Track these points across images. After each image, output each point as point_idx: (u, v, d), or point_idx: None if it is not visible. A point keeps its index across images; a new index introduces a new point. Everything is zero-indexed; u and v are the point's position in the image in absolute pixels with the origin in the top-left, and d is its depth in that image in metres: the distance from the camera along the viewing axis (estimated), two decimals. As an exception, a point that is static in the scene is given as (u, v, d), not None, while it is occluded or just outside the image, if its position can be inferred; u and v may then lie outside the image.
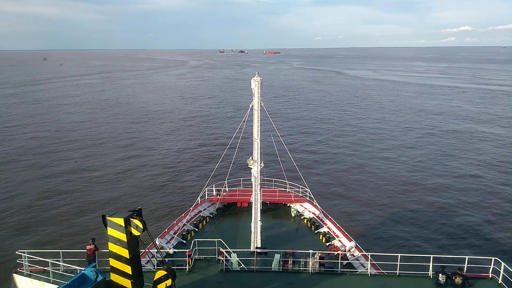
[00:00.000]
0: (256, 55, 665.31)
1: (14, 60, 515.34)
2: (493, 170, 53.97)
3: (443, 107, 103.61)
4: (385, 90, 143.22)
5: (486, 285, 19.18)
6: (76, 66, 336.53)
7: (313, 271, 20.78)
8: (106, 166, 56.61)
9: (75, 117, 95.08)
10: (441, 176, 51.84)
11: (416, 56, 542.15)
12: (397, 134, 74.94)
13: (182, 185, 49.20)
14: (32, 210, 41.88)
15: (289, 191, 34.07)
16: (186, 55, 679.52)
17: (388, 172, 53.54)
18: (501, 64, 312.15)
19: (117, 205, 42.53)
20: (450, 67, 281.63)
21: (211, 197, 33.30)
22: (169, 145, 69.17)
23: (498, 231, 37.12)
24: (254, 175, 25.17)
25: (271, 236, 27.29)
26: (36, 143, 69.85)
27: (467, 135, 73.25)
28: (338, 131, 78.84)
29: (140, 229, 15.86)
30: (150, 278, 16.87)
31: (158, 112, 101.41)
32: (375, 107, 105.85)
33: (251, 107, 24.11)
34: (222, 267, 20.73)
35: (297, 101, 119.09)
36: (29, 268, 20.29)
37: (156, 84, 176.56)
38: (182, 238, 27.04)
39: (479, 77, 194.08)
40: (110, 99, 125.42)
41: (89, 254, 21.41)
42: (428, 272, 19.90)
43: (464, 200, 44.27)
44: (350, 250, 25.47)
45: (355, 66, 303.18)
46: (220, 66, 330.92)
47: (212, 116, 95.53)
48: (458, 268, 19.15)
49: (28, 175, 52.99)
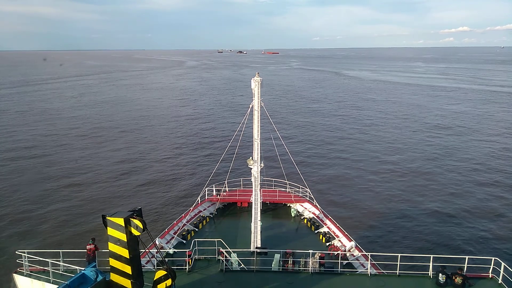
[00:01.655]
0: (255, 55, 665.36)
1: (11, 60, 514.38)
2: (493, 170, 54.01)
3: (445, 108, 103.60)
4: (385, 91, 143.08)
5: (486, 285, 19.20)
6: (72, 67, 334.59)
7: (313, 271, 20.80)
8: (106, 166, 56.56)
9: (75, 117, 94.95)
10: (441, 176, 51.86)
11: (415, 57, 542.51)
12: (397, 135, 74.95)
13: (182, 185, 49.19)
14: (32, 210, 41.81)
15: (289, 191, 34.08)
16: (184, 56, 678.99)
17: (388, 172, 53.55)
18: (502, 65, 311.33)
19: (117, 205, 42.49)
20: (450, 68, 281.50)
21: (211, 197, 33.30)
22: (169, 145, 69.15)
23: (498, 231, 37.14)
24: (254, 175, 25.19)
25: (271, 236, 27.29)
26: (36, 143, 69.79)
27: (468, 136, 73.32)
28: (338, 131, 78.88)
29: (140, 229, 15.88)
30: (150, 278, 16.89)
31: (157, 113, 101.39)
32: (376, 108, 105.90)
33: (251, 107, 24.12)
34: (222, 267, 20.73)
35: (297, 102, 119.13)
36: (29, 268, 20.28)
37: (153, 85, 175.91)
38: (182, 238, 27.04)
39: (481, 78, 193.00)
40: (107, 100, 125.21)
41: (89, 254, 21.40)
42: (428, 272, 19.92)
43: (464, 200, 44.30)
44: (350, 250, 25.47)
45: (355, 67, 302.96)
46: (219, 66, 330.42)
47: (212, 117, 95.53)
48: (458, 268, 19.17)
49: (28, 175, 52.92)
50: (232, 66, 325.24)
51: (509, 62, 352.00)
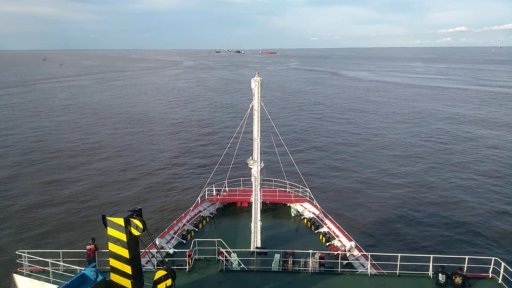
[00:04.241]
0: (252, 55, 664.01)
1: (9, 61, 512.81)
2: (493, 171, 54.03)
3: (446, 109, 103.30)
4: (385, 92, 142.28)
5: (486, 285, 19.21)
6: (68, 67, 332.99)
7: (313, 271, 20.80)
8: (106, 166, 56.48)
9: (74, 117, 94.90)
10: (441, 176, 51.88)
11: (414, 57, 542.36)
12: (398, 135, 74.93)
13: (182, 185, 49.16)
14: (32, 210, 41.76)
15: (289, 191, 34.08)
16: (182, 55, 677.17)
17: (388, 172, 53.56)
18: (503, 65, 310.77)
19: (117, 205, 42.45)
20: (450, 68, 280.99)
21: (211, 197, 33.29)
22: (168, 145, 69.08)
23: (498, 231, 37.18)
24: (254, 175, 25.17)
25: (271, 236, 27.28)
26: (35, 143, 69.68)
27: (468, 137, 73.29)
28: (338, 131, 78.84)
29: (140, 229, 15.87)
30: (150, 278, 16.87)
31: (156, 113, 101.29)
32: (376, 108, 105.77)
33: (251, 107, 24.11)
34: (222, 267, 20.73)
35: (296, 102, 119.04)
36: (29, 268, 20.25)
37: (151, 85, 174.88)
38: (182, 238, 27.02)
39: (482, 78, 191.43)
40: (105, 101, 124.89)
41: (89, 254, 21.39)
42: (428, 272, 19.93)
43: (464, 200, 44.33)
44: (350, 250, 25.48)
45: (354, 67, 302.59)
46: (216, 66, 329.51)
47: (212, 117, 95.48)
48: (458, 268, 19.18)
49: (28, 175, 52.81)
50: (229, 66, 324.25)
51: (509, 62, 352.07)
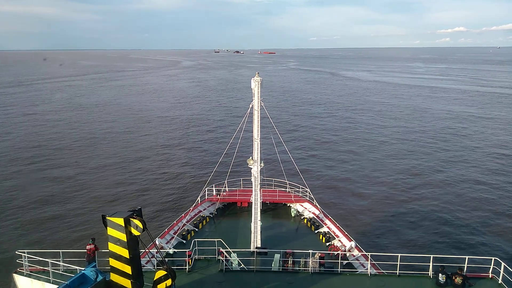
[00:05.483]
0: (251, 55, 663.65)
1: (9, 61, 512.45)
2: (493, 171, 54.07)
3: (446, 109, 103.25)
4: (386, 92, 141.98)
5: (486, 285, 19.22)
6: (66, 67, 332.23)
7: (313, 271, 20.79)
8: (105, 166, 56.44)
9: (73, 117, 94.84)
10: (441, 176, 51.90)
11: (414, 57, 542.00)
12: (398, 136, 74.97)
13: (182, 185, 49.14)
14: (32, 210, 41.73)
15: (289, 191, 34.08)
16: (180, 55, 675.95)
17: (388, 172, 53.58)
18: (502, 65, 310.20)
19: (117, 205, 42.42)
20: (450, 68, 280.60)
21: (211, 197, 33.28)
22: (168, 145, 69.05)
23: (498, 231, 37.18)
24: (254, 175, 25.16)
25: (271, 236, 27.29)
26: (35, 143, 69.64)
27: (468, 137, 73.33)
28: (338, 131, 78.91)
29: (140, 229, 15.86)
30: (150, 278, 16.87)
31: (156, 113, 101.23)
32: (376, 109, 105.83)
33: (251, 107, 24.10)
34: (222, 267, 20.72)
35: (296, 102, 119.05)
36: (29, 268, 20.23)
37: (149, 85, 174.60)
38: (182, 238, 27.02)
39: (483, 79, 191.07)
40: (103, 101, 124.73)
41: (89, 254, 21.34)
42: (428, 272, 19.93)
43: (465, 200, 44.35)
44: (350, 250, 25.48)
45: (354, 67, 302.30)
46: (215, 66, 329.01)
47: (212, 117, 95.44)
48: (458, 268, 19.19)
49: (28, 175, 52.78)
50: (228, 66, 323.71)
51: (508, 63, 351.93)
